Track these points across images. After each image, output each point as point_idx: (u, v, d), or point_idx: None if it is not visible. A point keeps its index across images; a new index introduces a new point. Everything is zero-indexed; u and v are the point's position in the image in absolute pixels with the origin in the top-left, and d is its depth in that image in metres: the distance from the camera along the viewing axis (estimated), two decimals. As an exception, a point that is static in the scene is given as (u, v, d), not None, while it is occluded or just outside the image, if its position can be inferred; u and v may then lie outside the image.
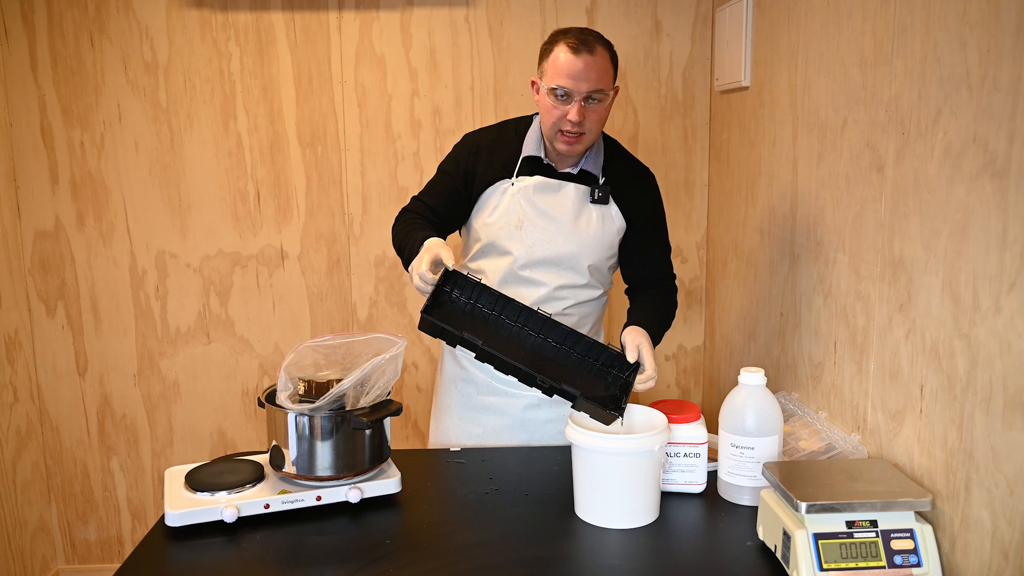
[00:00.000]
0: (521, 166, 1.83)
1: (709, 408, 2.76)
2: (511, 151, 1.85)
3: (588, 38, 1.71)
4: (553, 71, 1.71)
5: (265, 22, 2.64)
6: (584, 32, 1.73)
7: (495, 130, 1.91)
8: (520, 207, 1.82)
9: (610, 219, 1.85)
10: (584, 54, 1.69)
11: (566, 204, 1.83)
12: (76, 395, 2.81)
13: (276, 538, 1.42)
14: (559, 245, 1.83)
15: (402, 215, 1.87)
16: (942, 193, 1.28)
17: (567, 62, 1.69)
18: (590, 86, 1.70)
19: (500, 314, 1.65)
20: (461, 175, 1.86)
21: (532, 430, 1.93)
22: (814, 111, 1.80)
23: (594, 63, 1.70)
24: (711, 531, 1.47)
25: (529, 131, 1.86)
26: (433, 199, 1.87)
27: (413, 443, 2.86)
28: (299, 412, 1.47)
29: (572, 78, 1.69)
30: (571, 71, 1.69)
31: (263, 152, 2.71)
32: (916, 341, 1.36)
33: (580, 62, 1.69)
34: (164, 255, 2.75)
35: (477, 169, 1.85)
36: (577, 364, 1.65)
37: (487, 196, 1.85)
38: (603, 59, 1.71)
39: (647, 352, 1.63)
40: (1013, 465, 1.11)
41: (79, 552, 2.90)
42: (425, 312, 1.55)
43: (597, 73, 1.70)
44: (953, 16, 1.24)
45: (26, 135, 2.67)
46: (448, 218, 1.88)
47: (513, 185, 1.83)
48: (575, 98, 1.70)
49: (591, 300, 1.90)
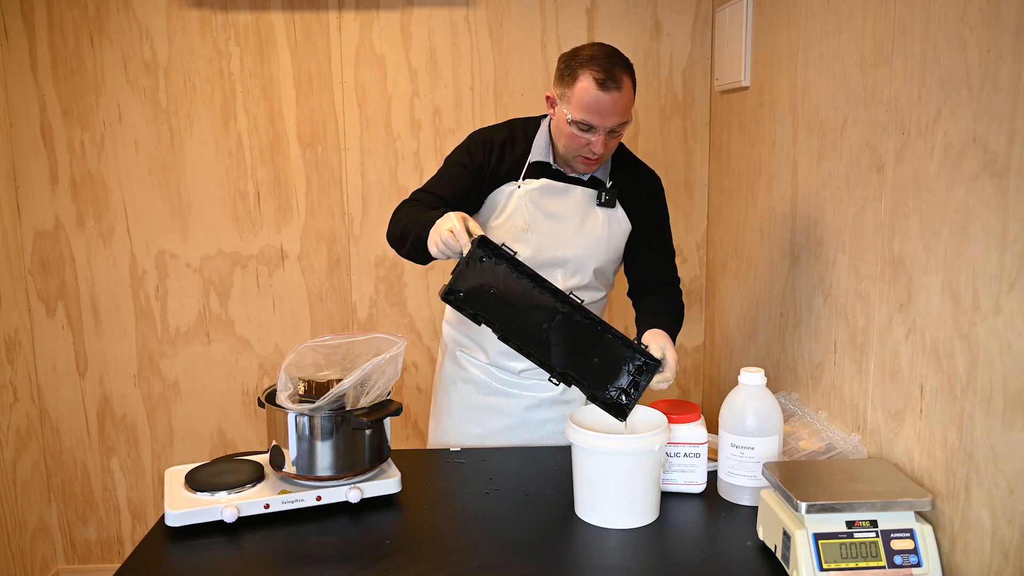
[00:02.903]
0: (528, 170, 1.81)
1: (709, 408, 2.76)
2: (520, 152, 1.82)
3: (615, 70, 1.63)
4: (579, 104, 1.64)
5: (265, 22, 2.64)
6: (610, 59, 1.64)
7: (505, 129, 1.86)
8: (526, 210, 1.80)
9: (616, 222, 1.84)
10: (612, 90, 1.62)
11: (572, 207, 1.81)
12: (76, 395, 2.81)
13: (276, 538, 1.42)
14: (565, 248, 1.81)
15: (406, 204, 1.76)
16: (942, 193, 1.28)
17: (595, 99, 1.63)
18: (615, 121, 1.66)
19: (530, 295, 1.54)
20: (476, 169, 1.80)
21: (532, 430, 1.93)
22: (814, 111, 1.80)
23: (621, 98, 1.64)
24: (711, 531, 1.47)
25: (537, 135, 1.82)
26: (445, 191, 1.77)
27: (413, 443, 2.86)
28: (299, 412, 1.47)
29: (599, 114, 1.64)
30: (599, 108, 1.63)
31: (263, 152, 2.71)
32: (916, 341, 1.36)
33: (608, 99, 1.63)
34: (164, 255, 2.75)
35: (490, 165, 1.81)
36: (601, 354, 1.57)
37: (493, 197, 1.82)
38: (628, 90, 1.65)
39: (671, 355, 1.60)
40: (1013, 465, 1.11)
41: (79, 552, 2.90)
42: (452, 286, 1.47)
43: (623, 107, 1.65)
44: (953, 16, 1.24)
45: (26, 135, 2.67)
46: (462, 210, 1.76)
47: (520, 188, 1.80)
48: (600, 132, 1.66)
49: (594, 302, 1.89)
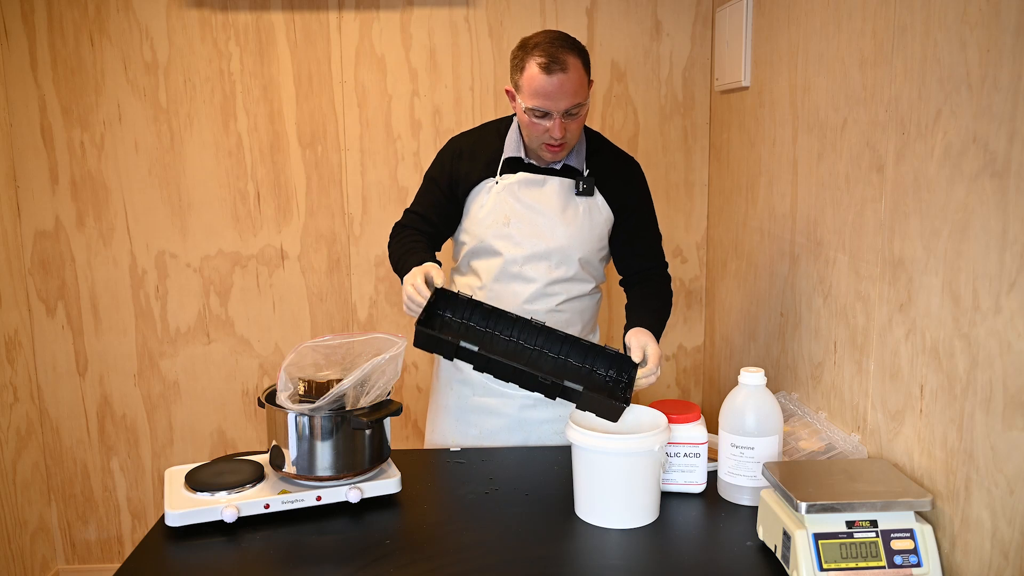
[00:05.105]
0: (503, 166, 1.85)
1: (709, 408, 2.76)
2: (493, 151, 1.87)
3: (559, 53, 1.66)
4: (528, 90, 1.69)
5: (265, 22, 2.64)
6: (553, 44, 1.68)
7: (476, 133, 1.93)
8: (506, 203, 1.84)
9: (597, 210, 1.86)
10: (557, 73, 1.66)
11: (551, 198, 1.84)
12: (76, 395, 2.81)
13: (276, 538, 1.42)
14: (547, 239, 1.84)
15: (397, 232, 1.91)
16: (942, 193, 1.28)
17: (542, 83, 1.67)
18: (568, 103, 1.69)
19: (494, 330, 1.66)
20: (446, 180, 1.88)
21: (528, 430, 1.93)
22: (814, 111, 1.80)
23: (568, 80, 1.67)
24: (711, 531, 1.47)
25: (509, 132, 1.87)
26: (425, 208, 1.90)
27: (413, 443, 2.86)
28: (299, 412, 1.47)
29: (549, 98, 1.68)
30: (547, 92, 1.67)
31: (263, 152, 2.71)
32: (916, 341, 1.36)
33: (555, 81, 1.66)
34: (164, 255, 2.75)
35: (460, 172, 1.87)
36: (576, 368, 1.65)
37: (473, 196, 1.87)
38: (576, 71, 1.68)
39: (653, 352, 1.63)
40: (1013, 465, 1.11)
41: (79, 552, 2.90)
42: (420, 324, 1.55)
43: (573, 88, 1.68)
44: (953, 16, 1.24)
45: (26, 135, 2.67)
46: (442, 226, 1.91)
47: (498, 183, 1.84)
48: (555, 116, 1.70)
49: (583, 295, 1.90)
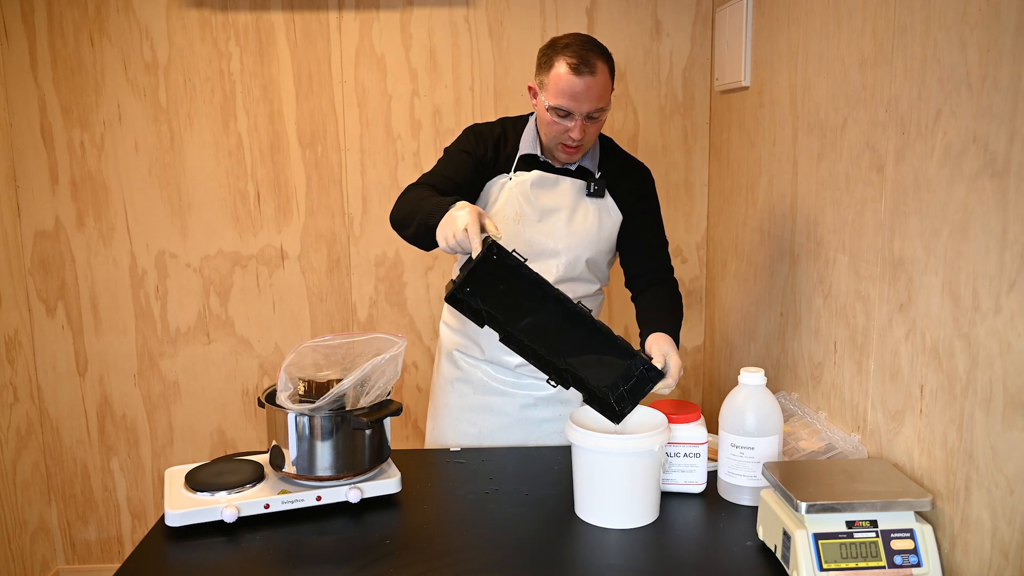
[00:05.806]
0: (518, 163, 1.84)
1: (709, 408, 2.76)
2: (510, 148, 1.86)
3: (589, 56, 1.68)
4: (554, 89, 1.69)
5: (265, 22, 2.64)
6: (584, 47, 1.69)
7: (497, 125, 1.91)
8: (517, 202, 1.83)
9: (607, 213, 1.86)
10: (586, 75, 1.67)
11: (563, 198, 1.84)
12: (76, 395, 2.81)
13: (276, 538, 1.42)
14: (556, 239, 1.84)
15: (414, 187, 1.73)
16: (942, 193, 1.28)
17: (569, 83, 1.67)
18: (592, 106, 1.69)
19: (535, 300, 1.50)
20: (479, 157, 1.83)
21: (529, 429, 1.93)
22: (814, 111, 1.80)
23: (595, 83, 1.68)
24: (711, 531, 1.47)
25: (526, 129, 1.86)
26: (456, 174, 1.78)
27: (413, 443, 2.86)
28: (299, 412, 1.47)
29: (574, 99, 1.68)
30: (573, 92, 1.67)
31: (263, 152, 2.71)
32: (916, 341, 1.36)
33: (582, 83, 1.67)
34: (164, 255, 2.75)
35: (488, 156, 1.85)
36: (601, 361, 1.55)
37: (487, 189, 1.86)
38: (603, 76, 1.70)
39: (674, 363, 1.61)
40: (1013, 465, 1.11)
41: (79, 552, 2.90)
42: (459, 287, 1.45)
43: (598, 92, 1.69)
44: (953, 16, 1.24)
45: (26, 135, 2.67)
46: (469, 196, 1.79)
47: (511, 180, 1.83)
48: (577, 117, 1.70)
49: (587, 296, 1.90)
